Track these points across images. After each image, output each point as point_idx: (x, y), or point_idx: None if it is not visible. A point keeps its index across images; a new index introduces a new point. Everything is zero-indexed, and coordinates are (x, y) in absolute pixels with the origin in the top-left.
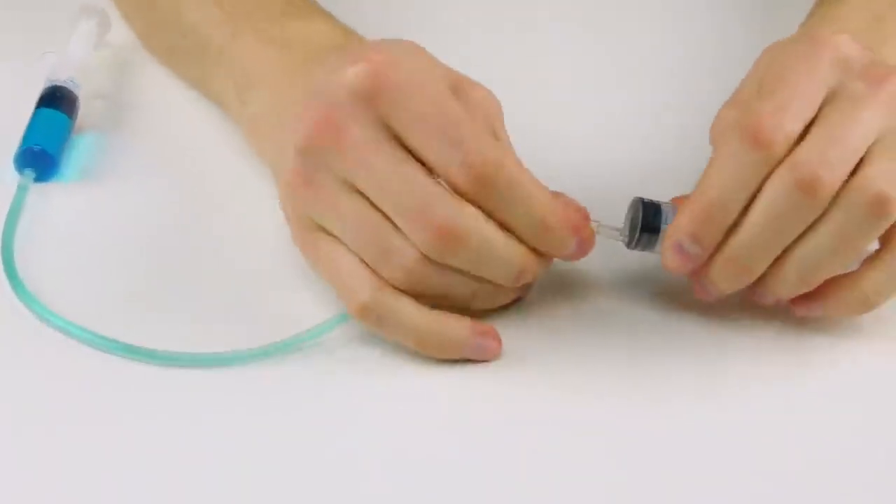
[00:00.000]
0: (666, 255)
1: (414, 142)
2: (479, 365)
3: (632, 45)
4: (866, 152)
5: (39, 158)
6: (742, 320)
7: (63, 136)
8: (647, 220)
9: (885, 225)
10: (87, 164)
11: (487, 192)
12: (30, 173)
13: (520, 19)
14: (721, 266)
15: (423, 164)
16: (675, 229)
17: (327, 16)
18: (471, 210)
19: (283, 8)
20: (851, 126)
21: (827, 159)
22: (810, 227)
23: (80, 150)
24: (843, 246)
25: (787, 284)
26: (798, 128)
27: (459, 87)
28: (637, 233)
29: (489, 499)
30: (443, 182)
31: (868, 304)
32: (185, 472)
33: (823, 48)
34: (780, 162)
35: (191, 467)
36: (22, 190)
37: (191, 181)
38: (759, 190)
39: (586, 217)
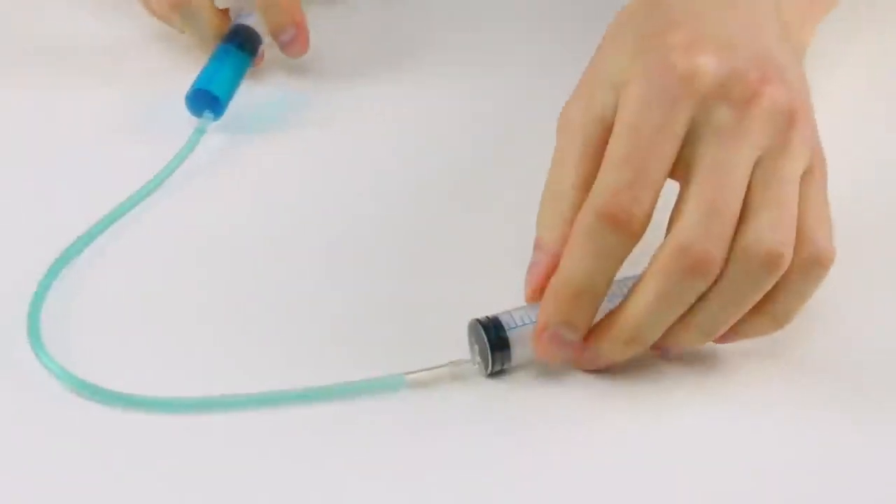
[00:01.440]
0: (544, 349)
1: None
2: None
3: None
4: (746, 195)
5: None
6: None
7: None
8: (495, 337)
9: (779, 274)
10: None
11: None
12: (209, 115)
13: (525, 19)
14: (613, 342)
15: None
16: (548, 321)
17: None
18: None
19: None
20: (726, 178)
21: (711, 233)
22: (706, 292)
23: None
24: (741, 303)
25: (692, 341)
26: (654, 196)
27: None
28: (490, 354)
29: None
30: None
31: (778, 322)
32: None
33: (676, 86)
34: (639, 235)
35: None
36: (198, 133)
37: None
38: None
39: None
